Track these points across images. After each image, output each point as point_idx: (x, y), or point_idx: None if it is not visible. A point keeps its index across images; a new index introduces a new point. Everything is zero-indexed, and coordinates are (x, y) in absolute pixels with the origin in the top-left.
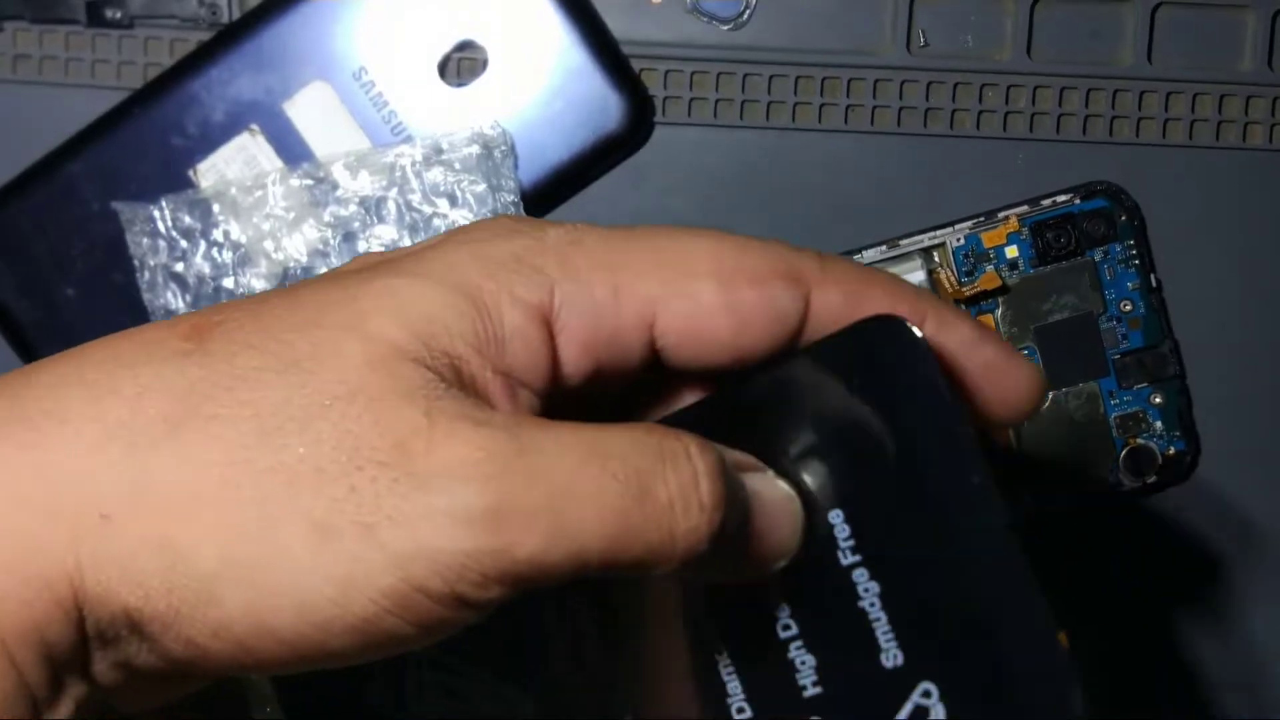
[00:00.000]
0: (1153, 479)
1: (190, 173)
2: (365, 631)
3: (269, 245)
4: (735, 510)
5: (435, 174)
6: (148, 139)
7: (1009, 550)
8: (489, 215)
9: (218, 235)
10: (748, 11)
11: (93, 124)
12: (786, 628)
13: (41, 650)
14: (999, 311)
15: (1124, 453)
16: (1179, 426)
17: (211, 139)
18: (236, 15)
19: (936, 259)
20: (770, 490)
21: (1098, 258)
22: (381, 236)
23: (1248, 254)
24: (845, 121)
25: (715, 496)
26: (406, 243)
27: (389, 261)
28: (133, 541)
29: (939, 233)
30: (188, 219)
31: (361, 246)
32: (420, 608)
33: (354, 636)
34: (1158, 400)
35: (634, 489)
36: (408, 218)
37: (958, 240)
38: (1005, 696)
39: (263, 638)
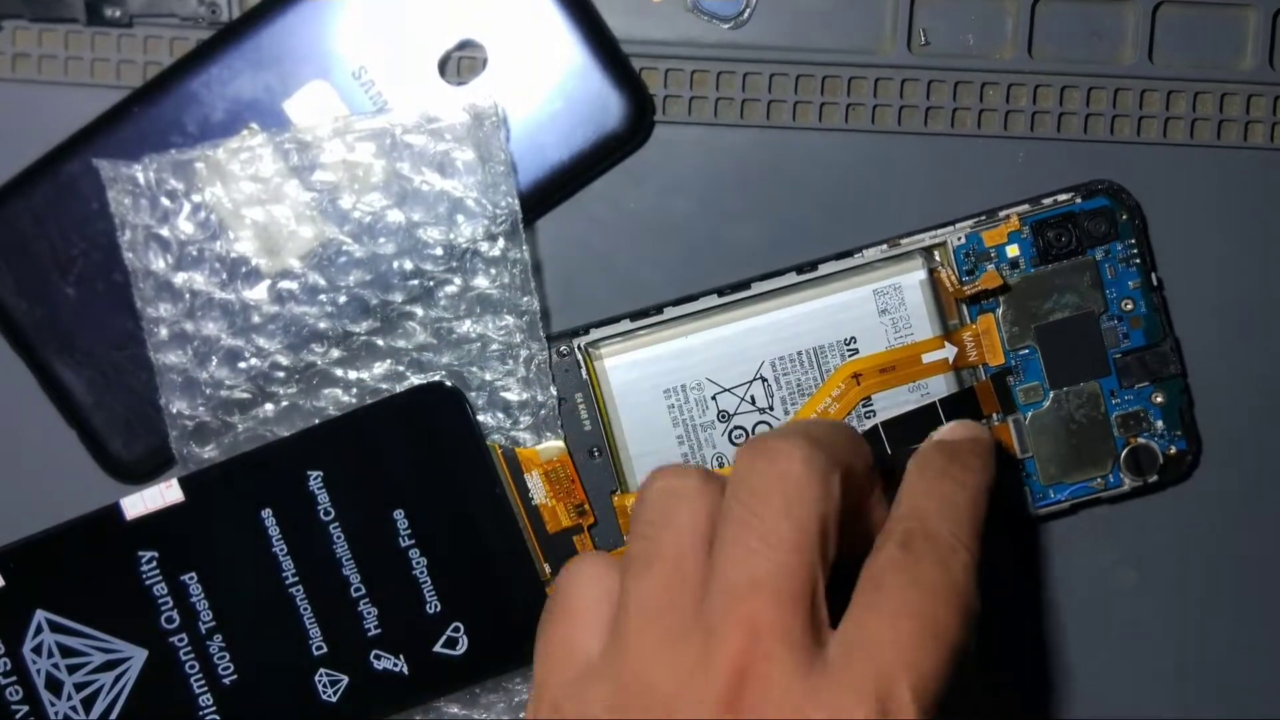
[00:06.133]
0: (1153, 479)
1: None
2: None
3: (255, 210)
4: None
5: (422, 140)
6: (147, 138)
7: (516, 538)
8: (476, 185)
9: (201, 198)
10: (748, 10)
11: (92, 123)
12: (358, 590)
13: None
14: (1000, 311)
15: (1124, 452)
16: (1180, 426)
17: (211, 138)
18: (236, 14)
19: (937, 258)
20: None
21: (1099, 256)
22: (372, 204)
23: (1249, 252)
24: (846, 120)
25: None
26: (395, 212)
27: None
28: None
29: (940, 231)
30: (172, 181)
31: (346, 205)
32: None
33: None
34: (1159, 399)
35: None
36: (395, 185)
37: (959, 239)
38: (509, 623)
39: None
